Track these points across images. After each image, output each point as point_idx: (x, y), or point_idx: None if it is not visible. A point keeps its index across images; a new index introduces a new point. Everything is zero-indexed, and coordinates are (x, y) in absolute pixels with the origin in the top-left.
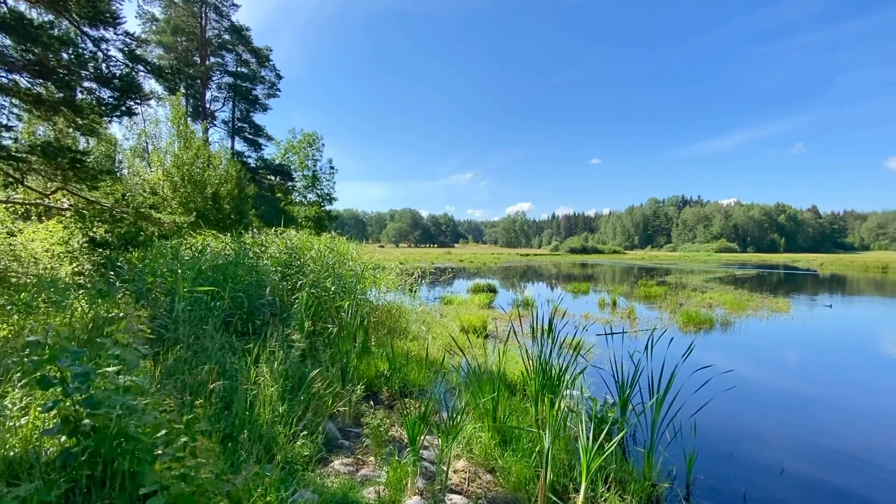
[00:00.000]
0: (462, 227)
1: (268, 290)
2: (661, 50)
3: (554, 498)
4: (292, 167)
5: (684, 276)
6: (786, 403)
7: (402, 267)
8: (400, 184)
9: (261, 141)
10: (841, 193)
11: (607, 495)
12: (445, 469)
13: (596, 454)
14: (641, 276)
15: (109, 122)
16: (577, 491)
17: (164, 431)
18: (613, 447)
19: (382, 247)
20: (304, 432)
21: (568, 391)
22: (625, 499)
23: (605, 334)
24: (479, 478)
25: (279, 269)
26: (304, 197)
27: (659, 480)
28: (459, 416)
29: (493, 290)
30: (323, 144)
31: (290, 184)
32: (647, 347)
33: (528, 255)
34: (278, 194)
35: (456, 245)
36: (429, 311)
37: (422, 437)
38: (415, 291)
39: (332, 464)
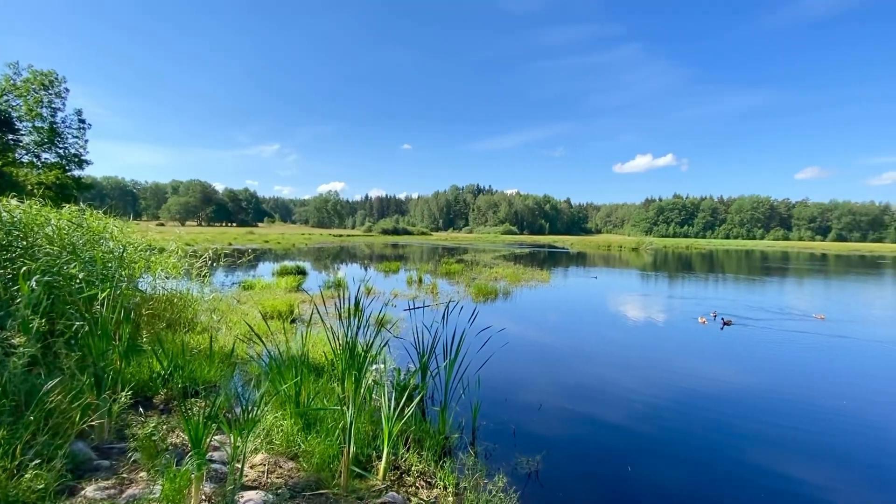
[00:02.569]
0: (268, 205)
1: None
2: (460, 55)
3: (357, 469)
4: (15, 115)
5: (478, 254)
6: (543, 352)
7: (189, 249)
8: (186, 150)
9: None
10: (586, 189)
11: (407, 455)
12: (240, 466)
13: (397, 420)
14: (444, 255)
15: None
16: (379, 458)
17: None
18: (413, 410)
19: (163, 225)
20: (37, 461)
21: (375, 365)
22: (422, 455)
23: (411, 309)
24: (280, 467)
25: None
26: (37, 157)
27: (451, 433)
28: (257, 408)
29: (302, 272)
30: (66, 90)
31: (10, 137)
32: (443, 317)
33: (341, 235)
34: None
35: (260, 224)
36: (223, 299)
37: (209, 438)
38: (205, 277)
39: (83, 492)
